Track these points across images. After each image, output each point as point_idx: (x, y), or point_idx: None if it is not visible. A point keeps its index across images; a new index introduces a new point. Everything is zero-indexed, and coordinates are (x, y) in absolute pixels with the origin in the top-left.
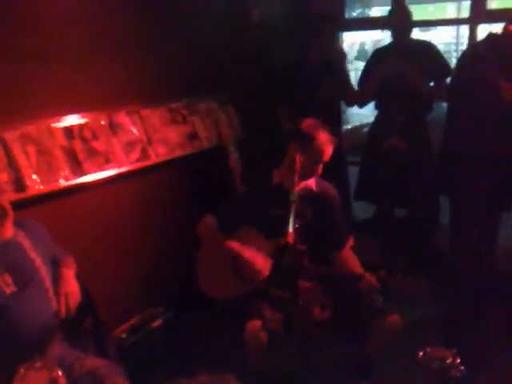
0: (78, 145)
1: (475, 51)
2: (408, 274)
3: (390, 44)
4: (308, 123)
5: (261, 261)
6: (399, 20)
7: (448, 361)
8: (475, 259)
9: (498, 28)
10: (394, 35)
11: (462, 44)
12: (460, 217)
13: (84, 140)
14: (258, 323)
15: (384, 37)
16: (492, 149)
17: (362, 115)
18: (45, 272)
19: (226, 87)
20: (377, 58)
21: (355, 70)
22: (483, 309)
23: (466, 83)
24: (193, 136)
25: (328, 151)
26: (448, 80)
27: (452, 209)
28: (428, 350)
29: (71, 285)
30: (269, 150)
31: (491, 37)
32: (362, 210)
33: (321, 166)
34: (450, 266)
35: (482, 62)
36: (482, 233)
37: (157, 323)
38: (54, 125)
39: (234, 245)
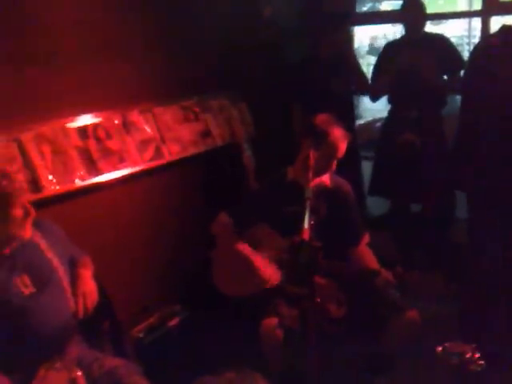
0: (92, 144)
1: (489, 44)
2: (425, 270)
3: (402, 37)
4: (322, 119)
5: (269, 270)
6: (412, 13)
7: (467, 355)
8: (492, 254)
9: (510, 20)
10: (406, 29)
11: (474, 37)
12: (476, 212)
13: (98, 139)
14: (274, 321)
15: (395, 31)
16: (506, 142)
17: (375, 110)
18: (62, 272)
19: (238, 84)
20: (389, 52)
21: (367, 65)
22: (499, 304)
23: (480, 77)
24: (205, 133)
25: (342, 147)
26: (461, 73)
27: (468, 204)
28: (446, 345)
29: (89, 285)
30: (282, 146)
31: (505, 29)
32: (377, 205)
33: (335, 162)
34: (467, 261)
35: (495, 56)
36: (498, 228)
37: (174, 322)
38: (68, 125)
39: (245, 249)
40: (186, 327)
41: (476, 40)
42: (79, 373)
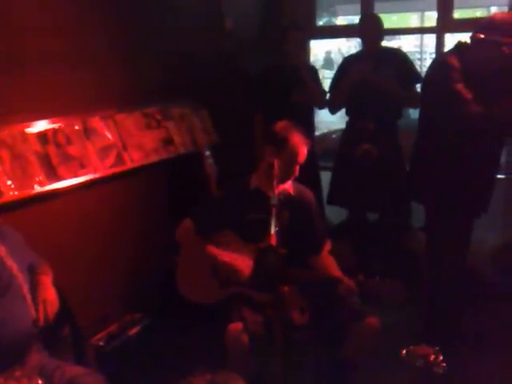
0: (52, 150)
1: (445, 61)
2: (384, 277)
3: (360, 51)
4: (281, 126)
5: (241, 263)
6: (371, 27)
7: (431, 358)
8: (450, 262)
9: (462, 37)
10: (364, 42)
11: (425, 53)
12: (434, 222)
13: (58, 145)
14: (239, 326)
15: (350, 45)
16: (464, 158)
17: (330, 122)
18: (22, 279)
19: (200, 92)
20: (348, 65)
21: (322, 79)
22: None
23: (437, 93)
24: (167, 141)
25: (302, 152)
26: (417, 86)
27: (427, 214)
28: (411, 348)
29: (49, 292)
30: (243, 154)
31: (461, 45)
32: (335, 214)
33: (297, 168)
34: (424, 269)
35: (452, 72)
36: (455, 237)
37: (135, 330)
38: (27, 130)
39: (213, 250)
40: (147, 335)
41: (427, 56)
42: (40, 381)
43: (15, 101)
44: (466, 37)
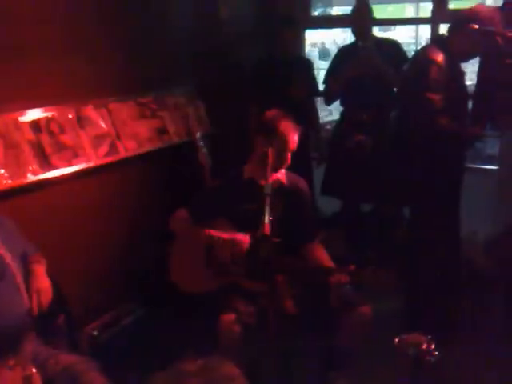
0: (45, 139)
1: (427, 57)
2: (377, 267)
3: (354, 42)
4: (269, 115)
5: (239, 236)
6: (360, 17)
7: (423, 346)
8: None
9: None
10: (353, 32)
11: (420, 44)
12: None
13: (51, 134)
14: (231, 316)
15: (345, 36)
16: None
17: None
18: (15, 268)
19: (195, 82)
20: (342, 56)
21: (317, 69)
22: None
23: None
24: (162, 130)
25: (292, 138)
26: None
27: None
28: (404, 336)
29: (43, 281)
30: (237, 144)
31: (440, 39)
32: (328, 205)
33: (289, 155)
34: (414, 259)
35: (428, 76)
36: (439, 232)
37: (129, 320)
38: (20, 118)
39: (211, 232)
40: (141, 325)
41: None
42: (34, 370)
43: (7, 89)
44: None
